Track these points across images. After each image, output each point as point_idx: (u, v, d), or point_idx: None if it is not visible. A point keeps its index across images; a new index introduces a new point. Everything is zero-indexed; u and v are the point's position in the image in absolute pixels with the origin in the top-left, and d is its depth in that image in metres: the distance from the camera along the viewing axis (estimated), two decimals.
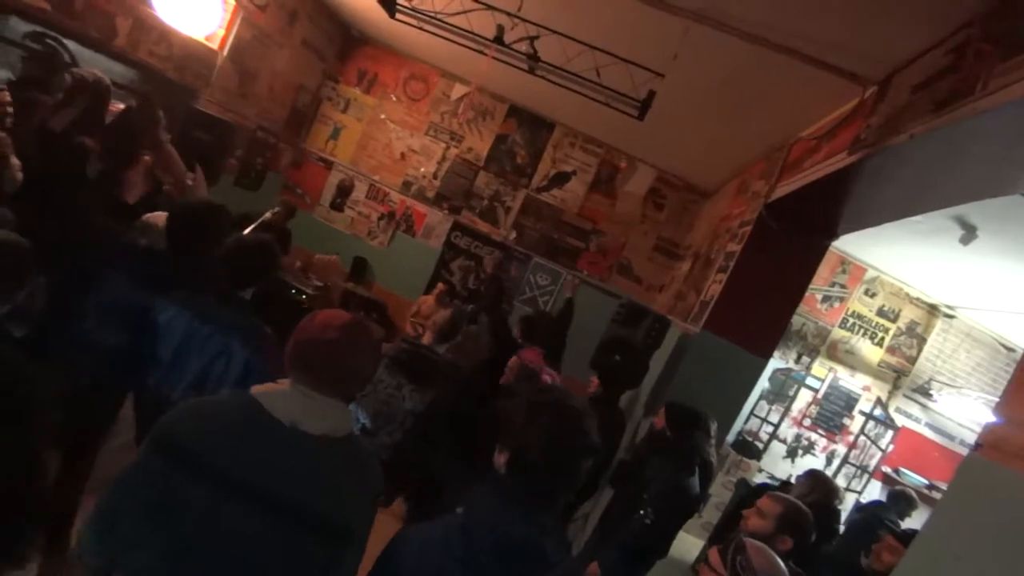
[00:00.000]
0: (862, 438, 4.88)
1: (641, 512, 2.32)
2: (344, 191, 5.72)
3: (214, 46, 4.12)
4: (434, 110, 5.61)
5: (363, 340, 1.12)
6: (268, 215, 3.95)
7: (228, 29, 4.17)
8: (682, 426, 2.59)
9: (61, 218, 2.00)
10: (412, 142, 5.66)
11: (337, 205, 5.73)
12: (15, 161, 1.65)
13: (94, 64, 3.47)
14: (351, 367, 1.11)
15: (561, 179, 5.56)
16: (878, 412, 4.87)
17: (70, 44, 3.27)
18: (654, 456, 2.56)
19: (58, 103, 2.22)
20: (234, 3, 4.10)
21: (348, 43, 5.58)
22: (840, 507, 3.09)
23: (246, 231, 3.74)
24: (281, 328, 1.39)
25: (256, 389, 1.07)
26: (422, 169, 5.66)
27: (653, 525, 2.29)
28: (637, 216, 5.49)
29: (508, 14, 2.93)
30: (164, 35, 3.68)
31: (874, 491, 4.81)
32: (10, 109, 2.16)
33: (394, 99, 5.64)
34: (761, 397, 4.80)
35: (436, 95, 5.60)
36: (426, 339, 2.12)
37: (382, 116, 5.67)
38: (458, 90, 5.55)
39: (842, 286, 4.82)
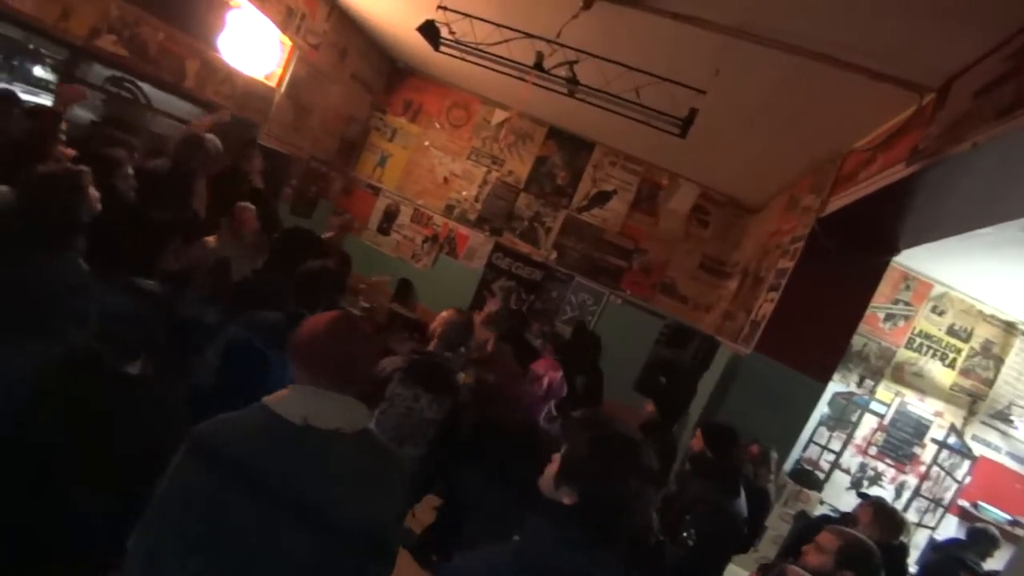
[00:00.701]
0: (935, 468, 4.50)
1: (683, 535, 2.21)
2: (390, 216, 5.92)
3: (272, 84, 4.42)
4: (475, 135, 5.75)
5: (352, 331, 1.16)
6: (331, 232, 4.15)
7: (285, 68, 4.46)
8: (720, 445, 2.48)
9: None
10: (454, 167, 5.81)
11: (384, 229, 5.93)
12: (93, 192, 1.81)
13: (166, 104, 3.79)
14: (345, 356, 1.14)
15: (602, 198, 5.55)
16: (952, 440, 4.49)
17: (145, 86, 3.59)
18: (695, 479, 2.46)
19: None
20: (290, 44, 4.39)
21: (394, 75, 5.84)
22: (908, 542, 2.85)
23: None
24: None
25: (267, 398, 1.11)
26: (464, 193, 5.79)
27: (696, 549, 2.18)
28: (681, 234, 5.39)
29: (547, 41, 3.00)
30: (228, 76, 3.98)
31: (950, 527, 4.41)
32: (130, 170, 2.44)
33: (437, 126, 5.84)
34: (820, 423, 4.54)
35: (477, 121, 5.75)
36: (432, 346, 2.13)
37: (426, 143, 5.87)
38: (498, 115, 5.69)
39: (906, 303, 4.53)
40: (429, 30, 3.09)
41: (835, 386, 4.36)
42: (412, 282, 5.69)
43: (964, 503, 4.38)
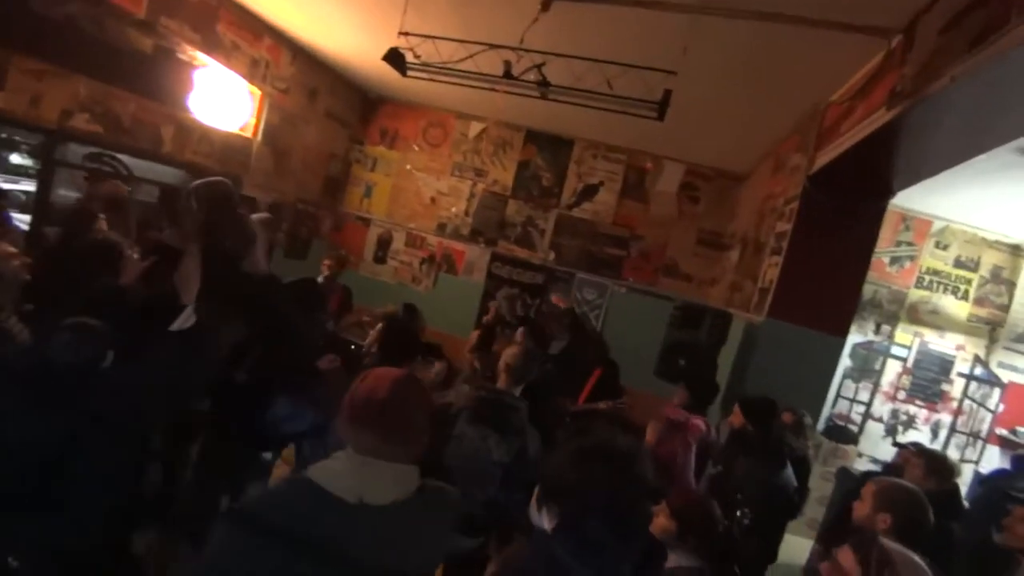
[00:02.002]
0: (967, 402, 4.48)
1: (738, 514, 2.20)
2: (384, 244, 5.93)
3: (248, 134, 4.44)
4: (455, 151, 5.77)
5: (417, 394, 1.06)
6: (325, 272, 4.15)
7: (258, 116, 4.49)
8: (761, 419, 2.47)
9: None
10: (439, 185, 5.82)
11: (379, 258, 5.94)
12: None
13: (147, 171, 3.81)
14: (410, 424, 1.03)
15: (589, 192, 5.56)
16: (979, 371, 4.47)
17: (124, 158, 3.62)
18: (740, 457, 2.44)
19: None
20: (260, 92, 4.42)
21: (367, 106, 5.87)
22: (958, 481, 2.82)
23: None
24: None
25: (312, 470, 1.00)
26: (453, 209, 5.81)
27: (753, 527, 2.17)
28: (673, 214, 5.40)
29: (512, 48, 3.02)
30: (204, 135, 4.00)
31: (993, 457, 4.37)
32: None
33: (416, 148, 5.86)
34: (845, 376, 4.52)
35: (455, 137, 5.77)
36: (501, 383, 1.97)
37: (408, 167, 5.89)
38: (475, 128, 5.71)
39: (909, 243, 4.52)
40: (394, 58, 3.11)
41: (853, 337, 4.34)
42: (416, 306, 5.69)
43: (1002, 431, 4.34)
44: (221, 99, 4.09)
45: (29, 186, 3.30)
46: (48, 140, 3.19)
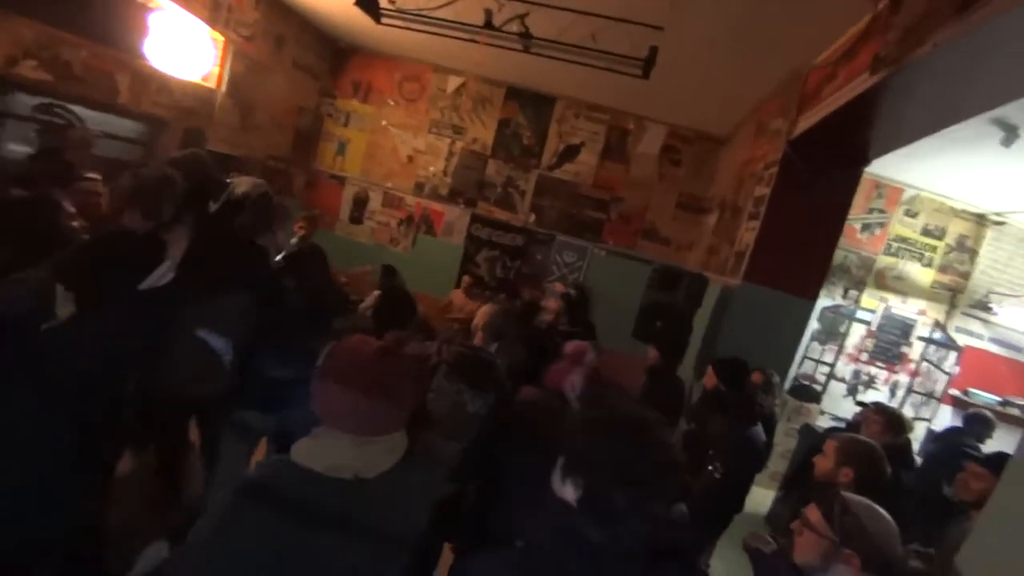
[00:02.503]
0: (924, 364, 4.70)
1: (709, 468, 2.31)
2: (360, 203, 5.78)
3: (211, 85, 4.19)
4: (433, 107, 5.58)
5: (407, 366, 1.05)
6: (299, 233, 4.04)
7: (222, 66, 4.22)
8: (734, 379, 2.57)
9: None
10: (416, 143, 5.65)
11: (356, 218, 5.80)
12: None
13: (103, 124, 3.58)
14: (400, 402, 1.03)
15: (571, 153, 5.47)
16: (938, 335, 4.68)
17: (77, 108, 3.38)
18: (713, 415, 2.54)
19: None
20: (223, 39, 4.14)
21: (338, 56, 5.58)
22: (910, 436, 3.00)
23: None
24: None
25: (299, 453, 0.99)
26: (431, 168, 5.66)
27: (724, 480, 2.28)
28: (654, 176, 5.37)
29: None
30: (163, 84, 3.75)
31: (945, 416, 4.65)
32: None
33: (391, 103, 5.63)
34: (812, 339, 4.68)
35: (432, 91, 5.56)
36: (477, 340, 2.08)
37: (383, 123, 5.68)
38: (453, 82, 5.50)
39: (880, 211, 4.61)
40: (367, 3, 2.94)
41: (822, 302, 4.47)
42: (395, 267, 5.62)
43: (955, 392, 4.60)
44: (180, 45, 3.82)
45: None
46: None
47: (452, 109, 5.55)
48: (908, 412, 4.49)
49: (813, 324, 4.55)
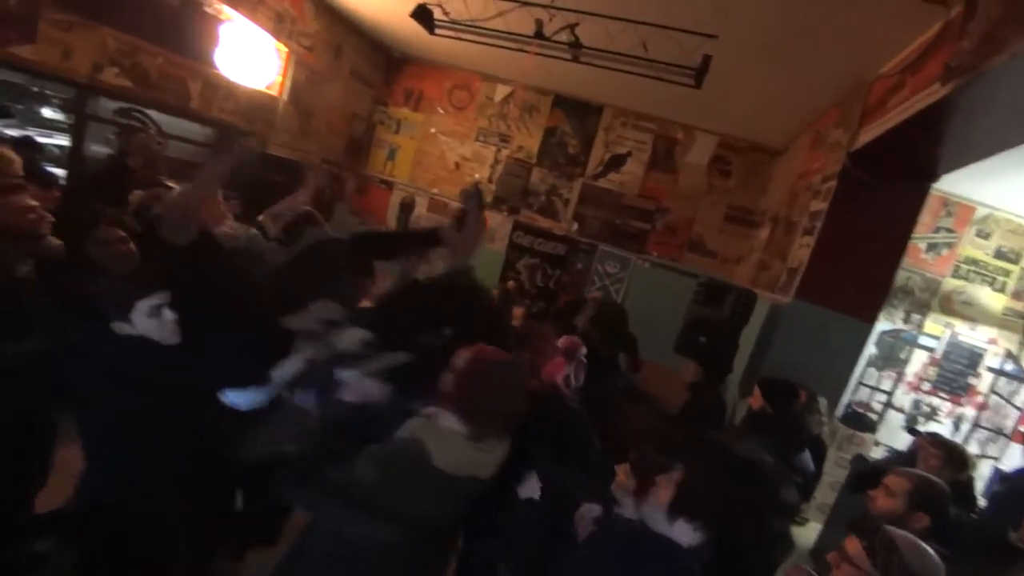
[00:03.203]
0: (993, 397, 4.35)
1: None
2: (407, 208, 5.92)
3: (274, 92, 4.42)
4: (481, 115, 5.66)
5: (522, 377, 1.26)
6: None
7: (284, 75, 4.45)
8: (780, 401, 2.44)
9: None
10: (464, 150, 5.75)
11: (402, 223, 5.94)
12: None
13: (175, 127, 3.83)
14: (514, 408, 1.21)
15: (617, 162, 5.42)
16: (1009, 366, 4.32)
17: (153, 113, 3.63)
18: (757, 437, 2.43)
19: None
20: (286, 49, 4.37)
21: (392, 65, 5.77)
22: (974, 475, 2.77)
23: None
24: None
25: (423, 435, 1.13)
26: (477, 175, 5.74)
27: None
28: (703, 187, 5.24)
29: (544, 7, 2.90)
30: (231, 91, 3.99)
31: (1015, 455, 4.27)
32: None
33: (441, 111, 5.76)
34: (869, 364, 4.41)
35: (480, 100, 5.65)
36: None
37: (432, 130, 5.81)
38: (501, 91, 5.57)
39: (948, 230, 4.32)
40: (422, 14, 3.02)
41: (881, 325, 4.22)
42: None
43: None
44: (247, 55, 4.06)
45: (62, 140, 3.35)
46: (80, 94, 3.21)
47: (499, 117, 5.62)
48: (973, 449, 4.16)
49: (870, 349, 4.30)
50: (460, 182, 5.78)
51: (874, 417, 4.44)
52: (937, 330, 4.40)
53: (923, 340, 4.42)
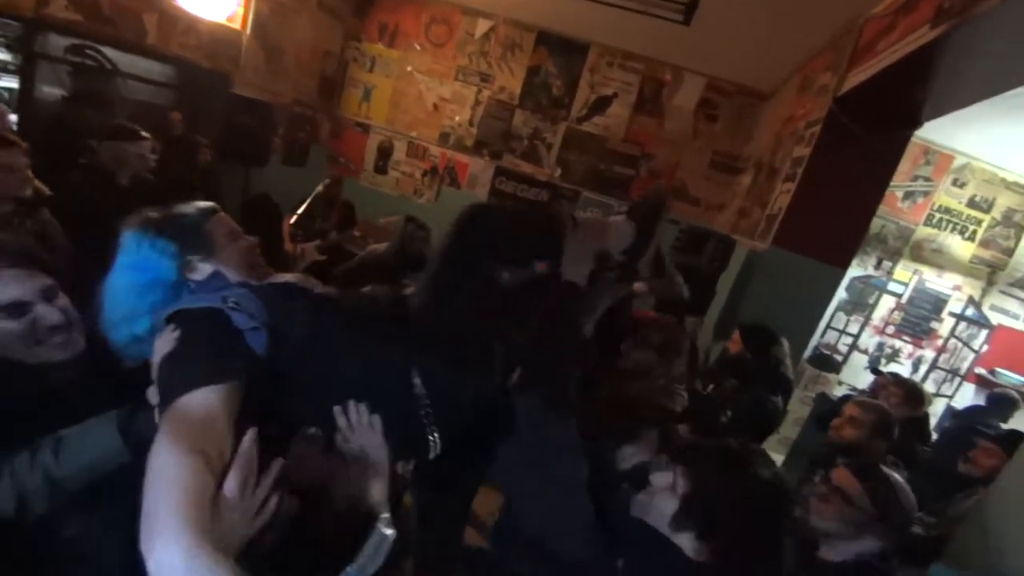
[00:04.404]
0: (953, 341, 4.58)
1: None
2: (385, 153, 5.73)
3: (236, 26, 4.11)
4: (460, 52, 5.39)
5: None
6: (320, 188, 4.06)
7: (246, 6, 4.13)
8: (760, 346, 2.55)
9: None
10: (442, 91, 5.51)
11: (380, 168, 5.77)
12: None
13: (132, 66, 3.58)
14: None
15: (602, 104, 5.27)
16: (970, 312, 4.52)
17: (107, 50, 3.38)
18: (732, 379, 2.54)
19: None
20: None
21: None
22: (928, 411, 2.97)
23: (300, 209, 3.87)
24: None
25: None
26: (457, 118, 5.54)
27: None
28: (688, 132, 5.16)
29: None
30: (190, 24, 3.70)
31: (967, 395, 4.56)
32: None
33: (418, 48, 5.46)
34: (838, 309, 4.58)
35: (460, 36, 5.36)
36: None
37: (409, 68, 5.53)
38: (482, 26, 5.28)
39: (926, 179, 4.37)
40: None
41: (853, 271, 4.34)
42: (419, 219, 5.62)
43: (981, 370, 4.49)
44: None
45: (10, 83, 3.08)
46: (27, 30, 2.95)
47: (480, 55, 5.36)
48: (930, 388, 4.43)
49: (841, 293, 4.44)
50: (439, 125, 5.58)
51: (839, 358, 4.66)
52: (905, 276, 4.55)
53: (892, 286, 4.58)
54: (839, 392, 4.43)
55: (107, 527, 0.91)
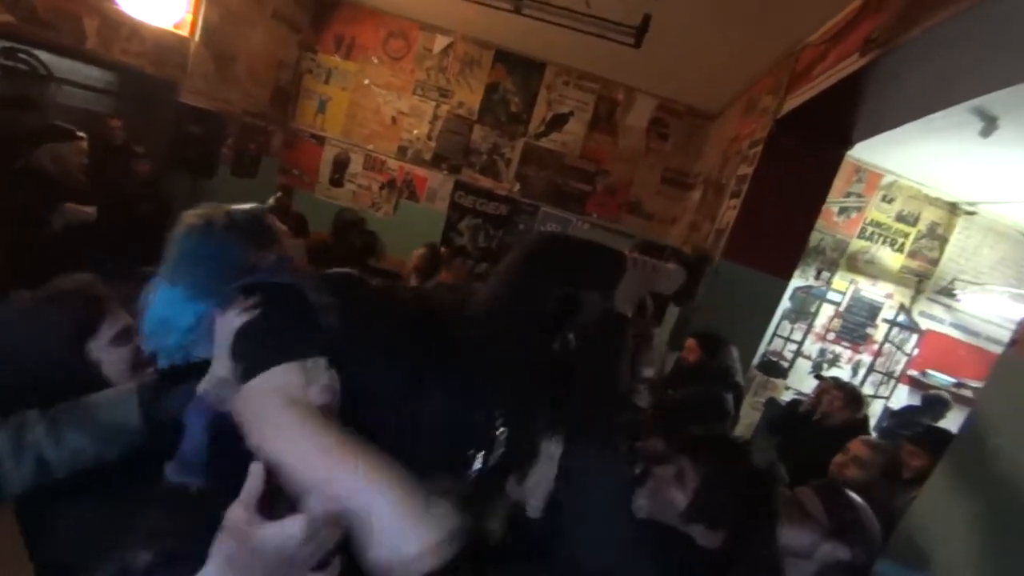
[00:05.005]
0: (887, 345, 4.90)
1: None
2: (341, 165, 5.64)
3: (184, 33, 3.97)
4: (418, 67, 5.40)
5: None
6: (271, 200, 3.94)
7: (195, 12, 4.00)
8: (715, 352, 2.67)
9: None
10: (400, 104, 5.49)
11: (336, 181, 5.66)
12: None
13: (70, 71, 3.39)
14: None
15: (559, 122, 5.39)
16: (902, 318, 4.86)
17: (42, 54, 3.19)
18: (691, 384, 2.62)
19: None
20: None
21: (320, 8, 5.33)
22: (867, 414, 3.15)
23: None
24: None
25: None
26: (415, 132, 5.53)
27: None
28: (641, 150, 5.35)
29: None
30: (134, 30, 3.55)
31: (902, 396, 4.88)
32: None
33: (375, 61, 5.44)
34: (783, 317, 4.81)
35: (418, 51, 5.37)
36: (414, 282, 2.14)
37: (366, 81, 5.49)
38: (440, 42, 5.32)
39: (858, 195, 4.69)
40: None
41: (795, 282, 4.58)
42: (376, 232, 5.54)
43: (914, 372, 4.82)
44: None
45: None
46: None
47: (438, 70, 5.39)
48: (867, 390, 4.69)
49: (785, 303, 4.68)
50: (397, 138, 5.55)
51: (785, 364, 4.88)
52: (842, 286, 4.85)
53: (831, 295, 4.86)
54: (787, 396, 4.64)
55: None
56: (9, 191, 2.15)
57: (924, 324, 4.84)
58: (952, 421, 3.45)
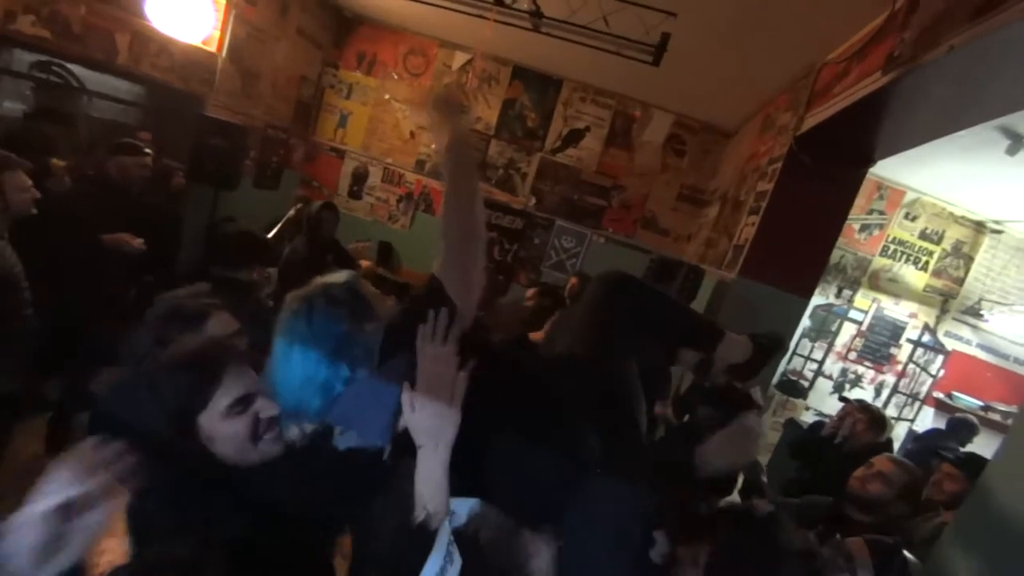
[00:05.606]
0: (911, 366, 4.77)
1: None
2: (360, 178, 5.72)
3: (212, 49, 4.10)
4: (437, 83, 5.48)
5: None
6: (292, 212, 4.01)
7: (223, 29, 4.12)
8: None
9: None
10: (419, 119, 5.56)
11: (355, 193, 5.75)
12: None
13: (101, 84, 3.51)
14: None
15: (575, 137, 5.42)
16: (926, 338, 4.74)
17: (75, 68, 3.31)
18: (707, 408, 2.57)
19: None
20: (224, 1, 4.04)
21: (343, 26, 5.46)
22: (891, 437, 3.06)
23: (273, 231, 3.81)
24: None
25: None
26: (433, 146, 5.59)
27: None
28: (657, 166, 5.34)
29: None
30: (164, 46, 3.67)
31: (927, 418, 4.73)
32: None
33: (395, 77, 5.54)
34: (803, 336, 4.72)
35: (437, 67, 5.46)
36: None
37: (386, 96, 5.59)
38: (459, 59, 5.41)
39: (880, 212, 4.62)
40: None
41: (815, 300, 4.50)
42: (392, 244, 5.59)
43: (939, 395, 4.68)
44: (181, 6, 3.72)
45: None
46: None
47: (457, 86, 5.46)
48: (891, 412, 4.57)
49: (804, 321, 4.59)
50: (415, 152, 5.63)
51: (805, 384, 4.78)
52: (865, 304, 4.75)
53: (852, 314, 4.76)
54: (807, 417, 4.53)
55: None
56: (79, 196, 2.48)
57: (950, 345, 4.71)
58: (980, 446, 3.33)
